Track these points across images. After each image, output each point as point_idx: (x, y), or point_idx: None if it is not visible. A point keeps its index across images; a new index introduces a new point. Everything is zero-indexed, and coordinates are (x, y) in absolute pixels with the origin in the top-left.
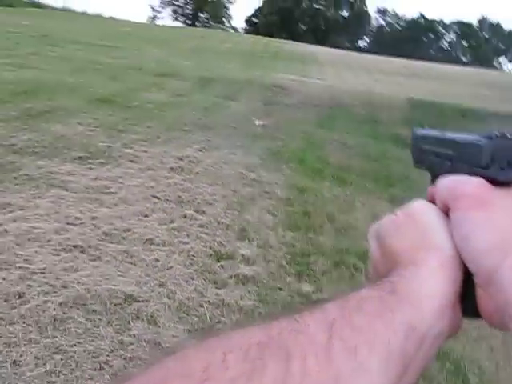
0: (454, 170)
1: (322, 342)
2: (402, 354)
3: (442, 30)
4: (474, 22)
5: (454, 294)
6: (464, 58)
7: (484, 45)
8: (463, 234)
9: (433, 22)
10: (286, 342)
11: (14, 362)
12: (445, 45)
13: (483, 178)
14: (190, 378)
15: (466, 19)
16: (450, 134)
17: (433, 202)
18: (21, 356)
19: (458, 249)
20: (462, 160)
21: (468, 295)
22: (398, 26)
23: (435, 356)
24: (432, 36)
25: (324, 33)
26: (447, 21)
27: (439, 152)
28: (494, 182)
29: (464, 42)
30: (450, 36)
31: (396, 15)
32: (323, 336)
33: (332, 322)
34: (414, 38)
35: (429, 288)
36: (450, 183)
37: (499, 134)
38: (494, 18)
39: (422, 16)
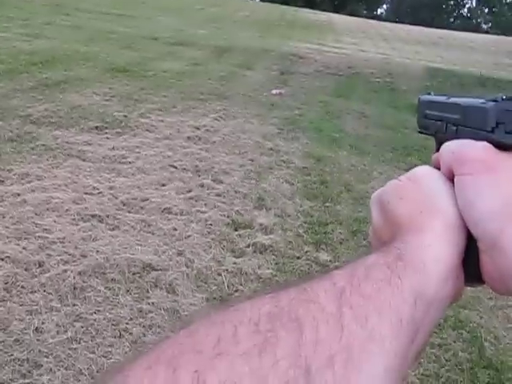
0: (459, 135)
1: (332, 310)
2: (411, 320)
3: None
4: None
5: (458, 258)
6: (485, 26)
7: (506, 11)
8: (467, 198)
9: None
10: (296, 312)
11: (37, 329)
12: (465, 12)
13: (488, 141)
14: (202, 353)
15: None
16: (455, 99)
17: (438, 168)
18: (42, 323)
19: (462, 213)
20: (467, 124)
21: (471, 261)
22: None
23: (451, 325)
24: (452, 2)
25: (341, 0)
26: None
27: (444, 117)
28: (500, 145)
29: (485, 9)
30: (471, 2)
31: None
32: (333, 305)
33: (341, 291)
34: (433, 5)
35: (434, 253)
36: (454, 147)
37: (505, 98)
38: None
39: None
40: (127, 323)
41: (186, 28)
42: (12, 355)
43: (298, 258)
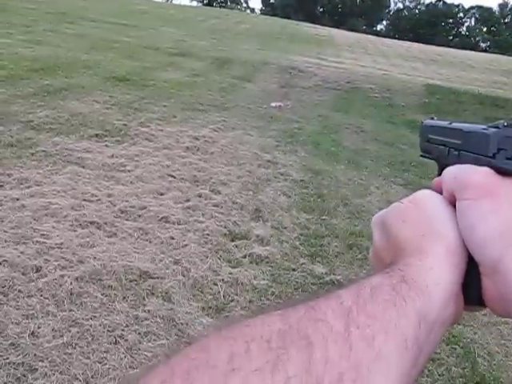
0: (461, 160)
1: (340, 330)
2: (415, 342)
3: (461, 15)
4: (495, 7)
5: (459, 281)
6: (483, 44)
7: (504, 31)
8: (469, 222)
9: (452, 6)
10: (305, 330)
11: (33, 333)
12: (464, 30)
13: (490, 167)
14: (215, 368)
15: (486, 4)
16: (457, 124)
17: (439, 191)
18: (38, 328)
19: (464, 237)
20: (469, 149)
21: (472, 283)
22: (416, 10)
23: (445, 340)
24: (451, 21)
25: (341, 15)
26: (467, 5)
27: (447, 141)
28: (501, 171)
29: (483, 28)
30: (470, 21)
31: None
32: (341, 324)
33: (348, 310)
34: (433, 23)
35: (436, 276)
36: (456, 172)
37: (506, 124)
38: None
39: (441, 0)
40: (123, 330)
41: (187, 39)
42: (7, 359)
43: (294, 269)
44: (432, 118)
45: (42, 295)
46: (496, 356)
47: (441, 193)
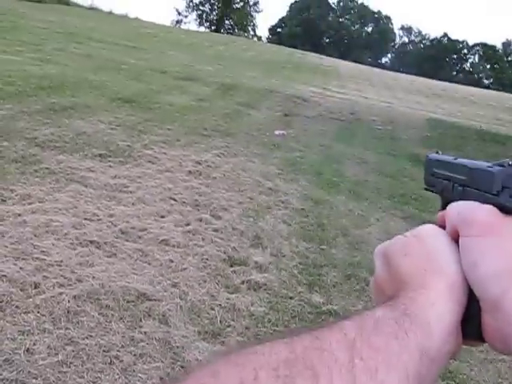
0: (465, 196)
1: (344, 361)
2: (417, 376)
3: (466, 51)
4: (498, 45)
5: (459, 317)
6: (486, 81)
7: (507, 68)
8: (471, 259)
9: (456, 42)
10: (311, 360)
11: (28, 349)
12: (467, 66)
13: (493, 204)
14: None
15: (490, 41)
16: (462, 160)
17: (442, 226)
18: (34, 344)
19: (466, 274)
20: (474, 186)
21: (471, 319)
22: (421, 45)
23: (441, 375)
24: (455, 57)
25: (347, 47)
26: (471, 42)
27: (452, 176)
28: (504, 209)
29: (487, 65)
30: (473, 58)
31: (420, 33)
32: (345, 355)
33: (352, 342)
34: (437, 58)
35: (437, 311)
36: (460, 209)
37: (511, 163)
38: None
39: (446, 36)
40: (118, 350)
41: (194, 64)
42: (1, 375)
43: (291, 298)
44: (437, 152)
45: (39, 312)
46: None
47: (444, 227)
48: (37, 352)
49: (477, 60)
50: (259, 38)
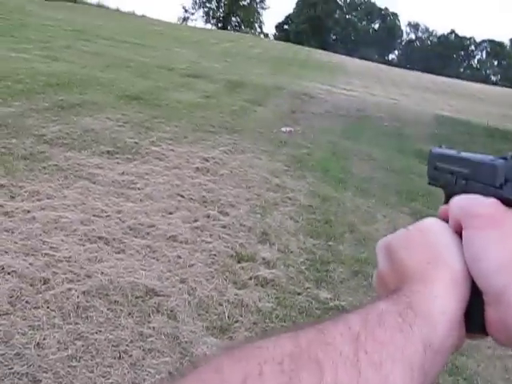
0: (468, 189)
1: (349, 354)
2: (421, 369)
3: (473, 48)
4: (506, 41)
5: (462, 309)
6: (493, 78)
7: None
8: (474, 252)
9: (464, 38)
10: (316, 354)
11: (38, 344)
12: (474, 63)
13: (496, 197)
14: None
15: (497, 38)
16: (465, 154)
17: (445, 219)
18: (44, 339)
19: (469, 267)
20: (477, 179)
21: (475, 312)
22: (428, 41)
23: (448, 370)
24: (462, 53)
25: (354, 43)
26: (478, 39)
27: (454, 170)
28: (507, 202)
29: (494, 61)
30: (481, 54)
31: (427, 30)
32: (349, 348)
33: (357, 335)
34: (444, 54)
35: (441, 304)
36: (463, 202)
37: None
38: None
39: (454, 32)
40: (127, 345)
41: (201, 61)
42: (12, 368)
43: (299, 293)
44: (440, 146)
45: (48, 307)
46: None
47: (447, 221)
48: (47, 346)
49: (484, 56)
50: (266, 35)
